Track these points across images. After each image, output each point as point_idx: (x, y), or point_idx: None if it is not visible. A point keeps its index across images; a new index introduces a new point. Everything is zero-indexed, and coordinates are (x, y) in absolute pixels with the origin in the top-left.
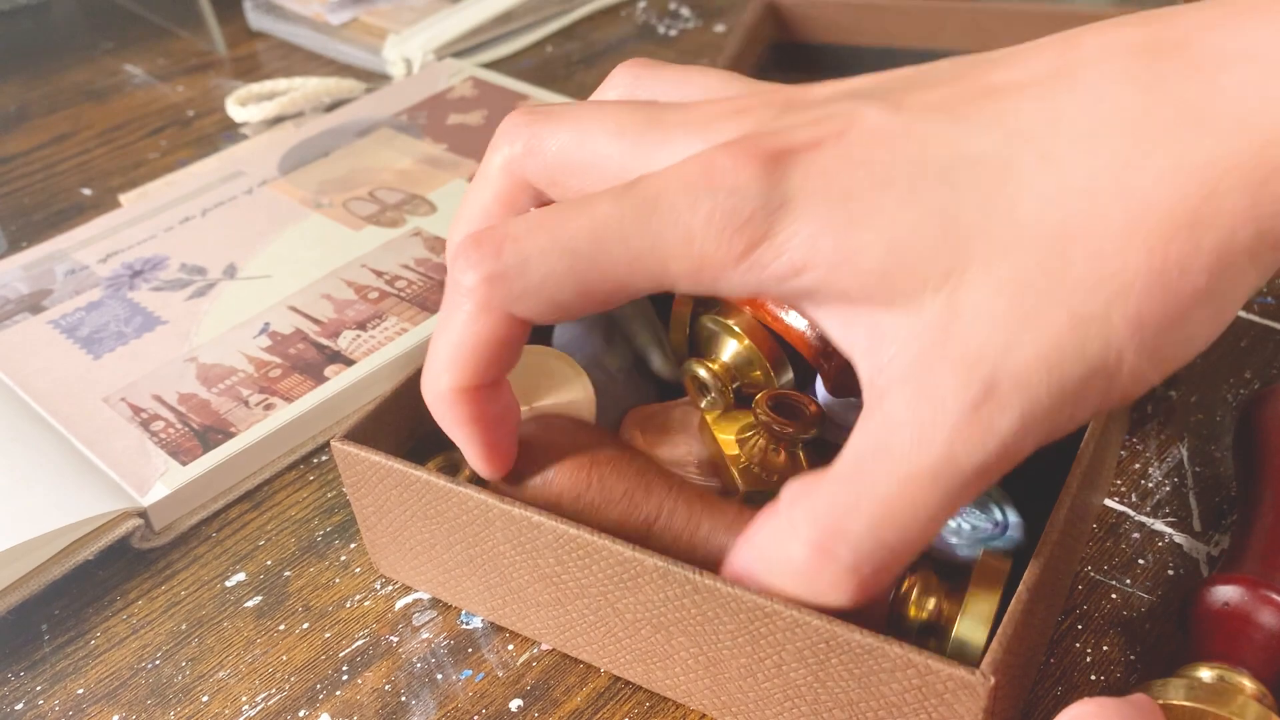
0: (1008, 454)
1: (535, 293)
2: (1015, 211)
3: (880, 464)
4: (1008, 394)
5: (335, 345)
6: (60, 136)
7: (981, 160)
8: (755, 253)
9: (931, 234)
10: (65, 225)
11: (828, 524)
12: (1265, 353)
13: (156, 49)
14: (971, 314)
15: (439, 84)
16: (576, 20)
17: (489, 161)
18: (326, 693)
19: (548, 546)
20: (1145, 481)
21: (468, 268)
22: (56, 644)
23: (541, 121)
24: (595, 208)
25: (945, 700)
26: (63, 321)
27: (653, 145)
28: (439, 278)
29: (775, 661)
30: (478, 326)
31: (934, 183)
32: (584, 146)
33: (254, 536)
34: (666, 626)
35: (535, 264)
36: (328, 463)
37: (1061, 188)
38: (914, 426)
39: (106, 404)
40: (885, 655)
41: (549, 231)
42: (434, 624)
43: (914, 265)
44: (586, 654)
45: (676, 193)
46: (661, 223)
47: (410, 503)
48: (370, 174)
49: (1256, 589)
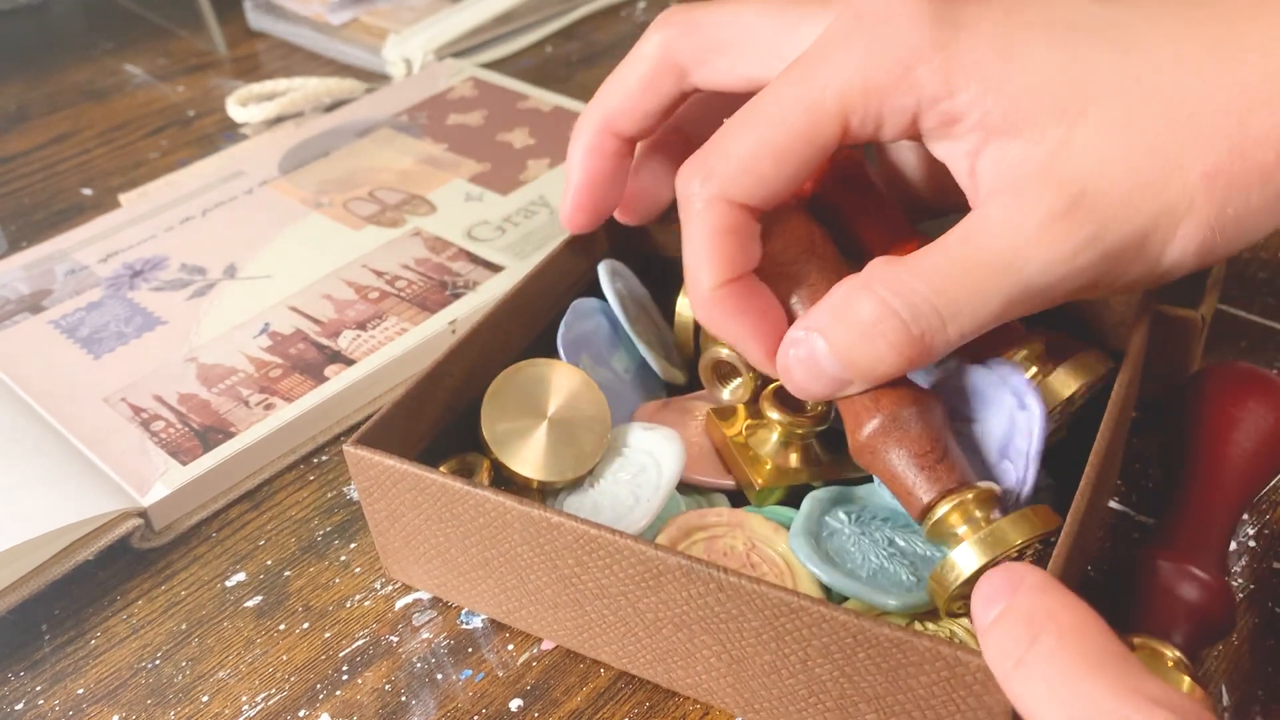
0: (1073, 271)
1: (741, 172)
2: (1136, 70)
3: (959, 247)
4: (1088, 210)
5: (335, 345)
6: (60, 136)
7: (1115, 25)
8: (915, 73)
9: (1065, 76)
10: (65, 225)
11: (898, 286)
12: (1265, 353)
13: (156, 49)
14: (1081, 146)
15: (439, 84)
16: (576, 20)
17: (642, 44)
18: (326, 693)
19: (567, 547)
20: (1145, 481)
21: (688, 179)
22: (56, 644)
23: (697, 7)
24: (768, 87)
25: (974, 691)
26: (63, 321)
27: (797, 20)
28: (439, 277)
29: (800, 657)
30: (710, 220)
31: (1075, 35)
32: (737, 23)
33: (254, 536)
34: (689, 625)
35: (734, 147)
36: (328, 463)
37: (1177, 59)
38: (1001, 222)
39: (106, 404)
40: (914, 648)
41: (738, 119)
42: (434, 624)
43: (1046, 99)
44: (606, 654)
45: (838, 42)
46: (829, 65)
47: (425, 506)
48: (370, 174)
49: (1181, 564)
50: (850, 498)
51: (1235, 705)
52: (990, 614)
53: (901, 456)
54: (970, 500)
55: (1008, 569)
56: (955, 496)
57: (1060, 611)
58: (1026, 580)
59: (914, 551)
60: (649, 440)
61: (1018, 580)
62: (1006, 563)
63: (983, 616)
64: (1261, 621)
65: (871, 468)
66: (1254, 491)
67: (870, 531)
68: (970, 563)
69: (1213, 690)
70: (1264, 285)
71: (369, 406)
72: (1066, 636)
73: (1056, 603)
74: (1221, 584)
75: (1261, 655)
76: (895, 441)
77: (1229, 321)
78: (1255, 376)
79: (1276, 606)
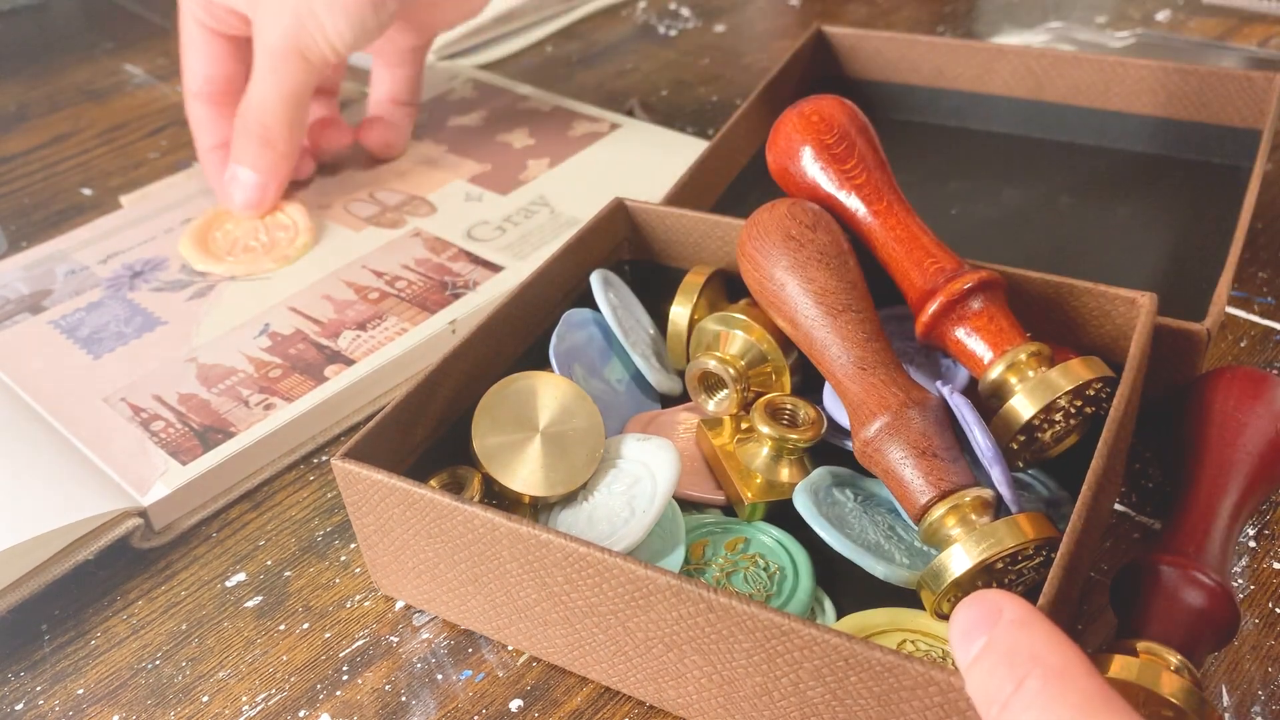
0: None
1: None
2: None
3: None
4: None
5: (335, 345)
6: (60, 136)
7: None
8: None
9: None
10: (65, 225)
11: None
12: (1265, 353)
13: (156, 49)
14: None
15: (439, 85)
16: (576, 20)
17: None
18: (326, 693)
19: (556, 565)
20: (1145, 482)
21: None
22: (56, 644)
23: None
24: None
25: (968, 717)
26: (63, 322)
27: None
28: (439, 278)
29: (792, 680)
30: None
31: None
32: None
33: (254, 536)
34: (679, 645)
35: None
36: (328, 463)
37: None
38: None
39: (106, 404)
40: (906, 672)
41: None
42: (434, 624)
43: None
44: (595, 673)
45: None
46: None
47: (413, 521)
48: (370, 175)
49: (1185, 569)
50: (859, 484)
51: (1235, 705)
52: (970, 650)
53: (902, 456)
54: (966, 504)
55: (984, 598)
56: (952, 499)
57: (1044, 652)
58: (1005, 613)
59: (911, 544)
60: (643, 451)
61: (995, 611)
62: (981, 591)
63: (963, 652)
64: (1261, 621)
65: (872, 467)
66: (1258, 496)
67: (872, 514)
68: (960, 564)
69: (1213, 690)
70: (1264, 285)
71: (369, 407)
72: (1051, 679)
73: (1040, 641)
74: (1225, 589)
75: (1261, 655)
76: (897, 441)
77: (1229, 321)
78: (1260, 380)
79: (1277, 606)
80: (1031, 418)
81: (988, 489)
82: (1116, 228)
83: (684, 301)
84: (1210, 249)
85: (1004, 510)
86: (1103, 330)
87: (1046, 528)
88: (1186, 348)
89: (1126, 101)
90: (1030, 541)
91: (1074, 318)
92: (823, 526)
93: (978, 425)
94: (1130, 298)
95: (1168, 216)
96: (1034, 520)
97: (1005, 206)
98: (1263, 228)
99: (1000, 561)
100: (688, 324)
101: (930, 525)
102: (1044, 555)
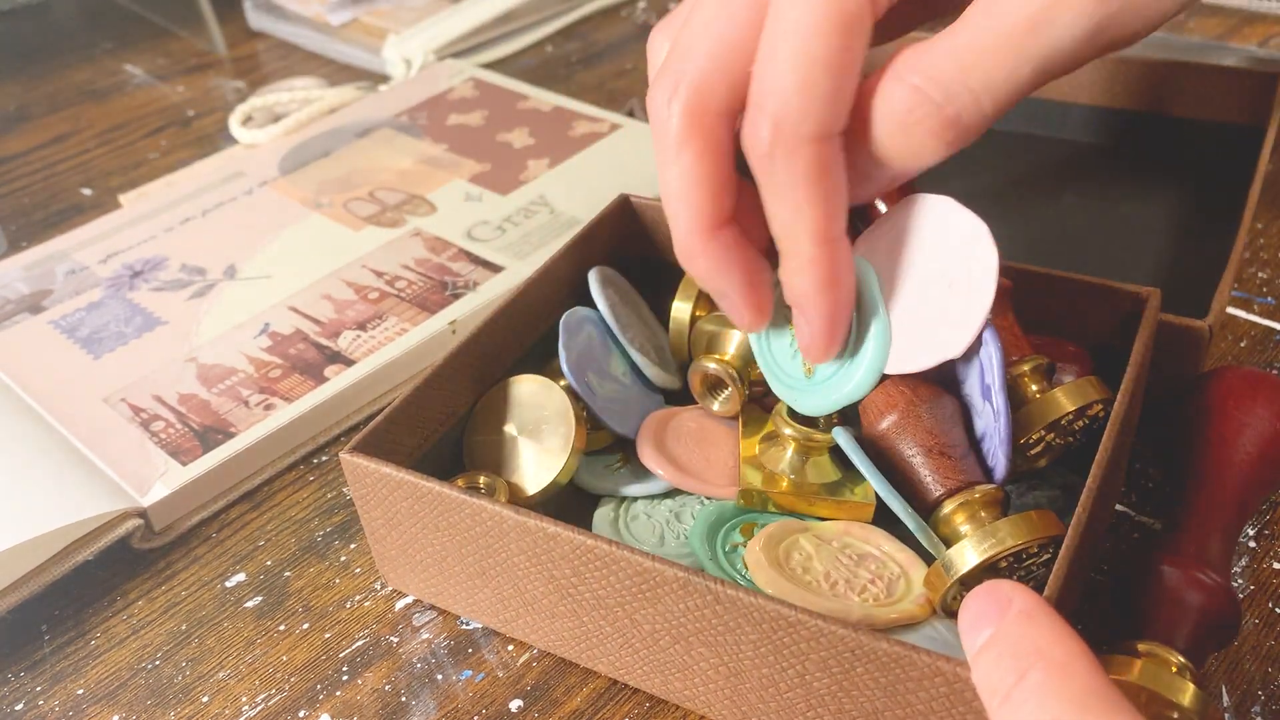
0: (1098, 22)
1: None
2: None
3: (983, 19)
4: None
5: (335, 345)
6: (60, 136)
7: None
8: None
9: None
10: (65, 225)
11: (927, 70)
12: (1265, 353)
13: (156, 49)
14: None
15: (439, 84)
16: (576, 20)
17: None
18: (326, 693)
19: (564, 558)
20: (1145, 481)
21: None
22: (56, 644)
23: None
24: None
25: (974, 708)
26: (63, 321)
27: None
28: (439, 278)
29: (799, 671)
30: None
31: None
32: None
33: (254, 537)
34: (686, 637)
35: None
36: (328, 463)
37: None
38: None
39: (106, 404)
40: (913, 663)
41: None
42: (434, 624)
43: None
44: (603, 665)
45: None
46: None
47: (422, 515)
48: (370, 174)
49: (1186, 569)
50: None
51: (1235, 705)
52: (977, 639)
53: (913, 451)
54: (976, 500)
55: (995, 588)
56: (962, 495)
57: (1048, 645)
58: (1014, 604)
59: None
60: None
61: (1005, 603)
62: (992, 581)
63: (970, 641)
64: (1261, 621)
65: (883, 461)
66: (1259, 497)
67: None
68: (967, 560)
69: (1213, 690)
70: (1264, 285)
71: (369, 407)
72: (1053, 673)
73: (1045, 634)
74: (1227, 589)
75: (1261, 655)
76: (908, 436)
77: (1229, 321)
78: (1262, 381)
79: (1277, 606)
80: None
81: (996, 485)
82: (1117, 226)
83: (685, 297)
84: (1211, 248)
85: (1010, 505)
86: (1105, 325)
87: (1053, 524)
88: (1188, 345)
89: (1128, 99)
90: (1035, 539)
91: (1077, 313)
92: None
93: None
94: (1134, 292)
95: (1168, 216)
96: (1042, 518)
97: (1007, 204)
98: (1263, 227)
99: (1004, 560)
100: (688, 320)
101: (940, 521)
102: (1050, 552)
